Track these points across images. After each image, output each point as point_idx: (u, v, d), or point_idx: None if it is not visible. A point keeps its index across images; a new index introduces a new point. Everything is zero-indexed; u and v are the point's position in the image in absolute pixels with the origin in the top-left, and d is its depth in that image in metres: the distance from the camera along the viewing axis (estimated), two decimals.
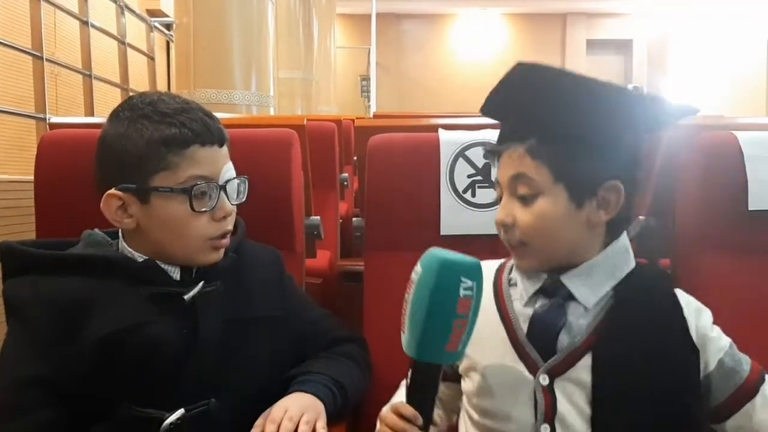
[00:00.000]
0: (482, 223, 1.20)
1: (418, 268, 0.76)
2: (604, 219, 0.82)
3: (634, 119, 0.81)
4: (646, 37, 11.33)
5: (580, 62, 11.86)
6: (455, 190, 1.21)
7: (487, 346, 0.86)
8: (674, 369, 0.79)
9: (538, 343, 0.83)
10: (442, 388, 0.96)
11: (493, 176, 0.88)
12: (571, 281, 0.83)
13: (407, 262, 1.22)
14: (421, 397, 0.77)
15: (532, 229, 0.82)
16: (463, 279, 0.73)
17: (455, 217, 1.21)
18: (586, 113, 0.79)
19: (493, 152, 0.87)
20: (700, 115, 0.90)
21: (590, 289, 0.83)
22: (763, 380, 0.83)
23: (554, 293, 0.84)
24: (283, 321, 1.01)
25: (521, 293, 0.87)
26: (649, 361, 0.79)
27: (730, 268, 1.18)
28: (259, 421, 0.89)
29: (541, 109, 0.81)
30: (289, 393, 0.94)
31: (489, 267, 0.93)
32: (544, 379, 0.81)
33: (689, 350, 0.80)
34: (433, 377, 0.77)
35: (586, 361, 0.80)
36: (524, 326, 0.85)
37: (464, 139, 1.22)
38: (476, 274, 0.74)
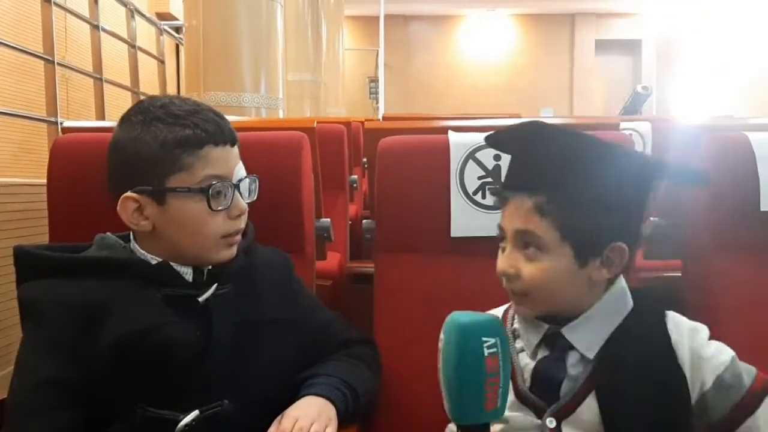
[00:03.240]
0: (493, 225, 1.18)
1: (442, 336, 0.76)
2: (606, 277, 0.84)
3: (643, 182, 0.83)
4: (655, 37, 11.27)
5: (588, 63, 11.81)
6: (465, 192, 1.21)
7: None
8: (670, 400, 0.81)
9: (542, 395, 0.84)
10: None
11: (499, 220, 0.88)
12: (571, 334, 0.85)
13: (418, 263, 1.24)
14: None
15: (535, 283, 0.83)
16: (484, 339, 0.73)
17: (465, 219, 1.21)
18: (597, 176, 0.80)
19: (500, 195, 0.88)
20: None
21: (590, 339, 0.84)
22: (766, 392, 0.81)
23: (555, 343, 0.86)
24: (294, 323, 1.02)
25: (524, 346, 0.88)
26: (648, 396, 0.80)
27: (742, 269, 1.17)
28: None
29: (553, 170, 0.82)
30: (301, 396, 0.94)
31: None
32: (551, 422, 0.82)
33: (679, 380, 0.81)
34: None
35: (590, 401, 0.81)
36: (528, 378, 0.86)
37: (474, 141, 1.22)
38: (496, 330, 0.74)
